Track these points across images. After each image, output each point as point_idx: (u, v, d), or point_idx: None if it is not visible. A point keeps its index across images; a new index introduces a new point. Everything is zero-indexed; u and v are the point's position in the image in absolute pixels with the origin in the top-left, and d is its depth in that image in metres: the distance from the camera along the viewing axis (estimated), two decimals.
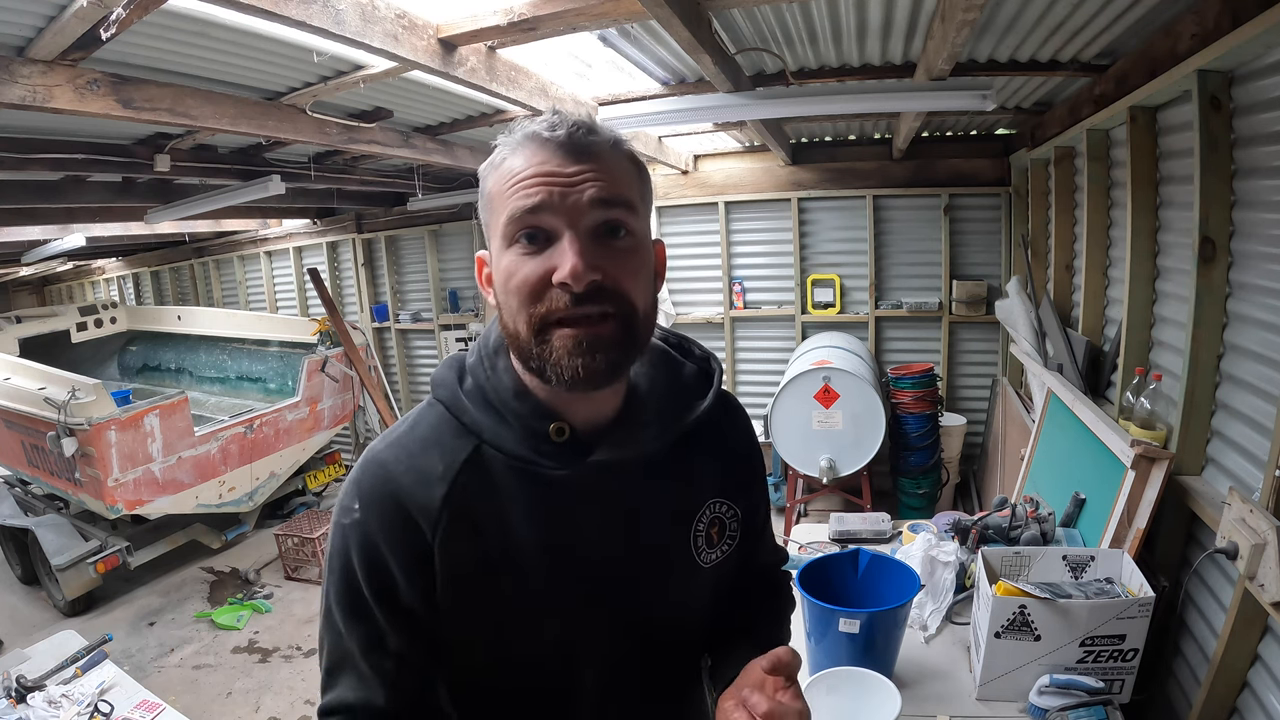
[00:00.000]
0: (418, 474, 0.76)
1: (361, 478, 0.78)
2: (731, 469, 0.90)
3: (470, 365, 0.82)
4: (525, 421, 0.77)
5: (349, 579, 0.77)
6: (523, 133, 0.73)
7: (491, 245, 0.75)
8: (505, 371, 0.79)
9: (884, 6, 2.17)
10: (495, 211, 0.73)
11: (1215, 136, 1.72)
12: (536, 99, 2.63)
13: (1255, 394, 1.62)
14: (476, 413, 0.78)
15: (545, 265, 0.69)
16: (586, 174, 0.70)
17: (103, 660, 2.32)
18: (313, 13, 1.65)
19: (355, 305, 6.54)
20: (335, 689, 0.79)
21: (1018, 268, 3.99)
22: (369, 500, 0.76)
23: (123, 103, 2.09)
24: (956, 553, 1.87)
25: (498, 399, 0.78)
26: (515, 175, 0.71)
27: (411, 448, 0.78)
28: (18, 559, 4.67)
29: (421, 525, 0.74)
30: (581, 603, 0.80)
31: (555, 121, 0.71)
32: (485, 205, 0.76)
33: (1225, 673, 1.54)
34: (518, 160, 0.71)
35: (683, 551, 0.85)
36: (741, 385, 5.24)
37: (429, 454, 0.77)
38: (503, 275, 0.72)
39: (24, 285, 9.91)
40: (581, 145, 0.70)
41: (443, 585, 0.76)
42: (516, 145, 0.73)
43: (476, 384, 0.80)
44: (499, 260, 0.73)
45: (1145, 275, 2.21)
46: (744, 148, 4.81)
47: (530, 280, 0.69)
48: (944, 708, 1.52)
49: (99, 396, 3.70)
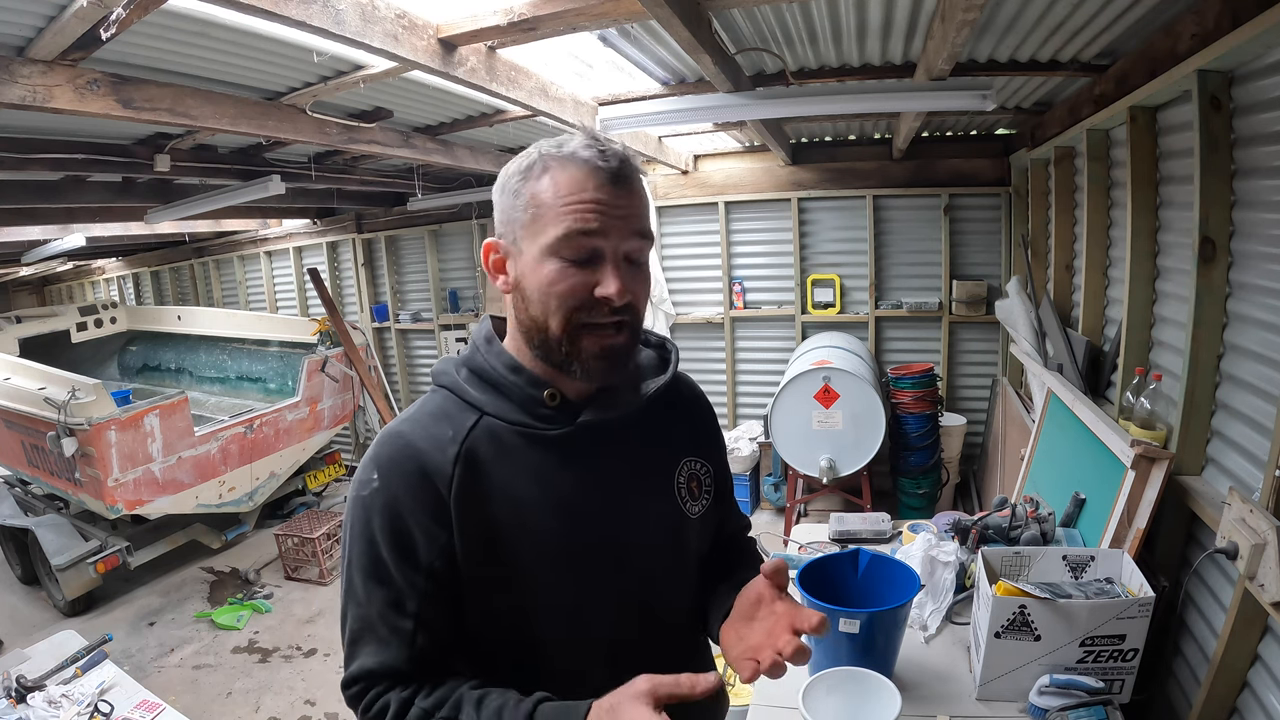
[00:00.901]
0: (432, 439, 0.85)
1: (379, 451, 0.86)
2: (698, 431, 1.06)
3: (466, 356, 0.93)
4: (522, 391, 0.88)
5: (370, 546, 0.83)
6: (572, 152, 0.82)
7: (525, 245, 0.84)
8: (499, 353, 0.90)
9: (884, 6, 2.17)
10: (542, 219, 0.82)
11: (1215, 136, 1.72)
12: (536, 99, 2.63)
13: (1255, 394, 1.62)
14: (476, 392, 0.89)
15: (588, 279, 0.82)
16: (628, 207, 0.83)
17: (103, 660, 2.32)
18: (313, 13, 1.65)
19: (355, 305, 6.54)
20: (357, 659, 0.84)
21: (1018, 268, 3.99)
22: (388, 467, 0.84)
23: (123, 103, 2.09)
24: (956, 553, 1.87)
25: (495, 375, 0.89)
26: (571, 194, 0.81)
27: (424, 420, 0.88)
28: (18, 559, 4.67)
29: (438, 483, 0.82)
30: (586, 552, 0.88)
31: (604, 150, 0.82)
32: (522, 206, 0.83)
33: (1225, 673, 1.54)
34: (569, 178, 0.81)
35: (670, 502, 0.97)
36: (741, 385, 5.24)
37: (440, 424, 0.87)
38: (543, 279, 0.82)
39: (24, 285, 9.91)
40: (625, 177, 0.83)
41: (460, 540, 0.83)
42: (565, 162, 0.82)
43: (474, 368, 0.91)
44: (539, 263, 0.82)
45: (1145, 275, 2.21)
46: (744, 148, 4.81)
47: (575, 290, 0.81)
48: (944, 708, 1.52)
49: (99, 396, 3.70)
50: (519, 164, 0.85)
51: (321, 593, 4.38)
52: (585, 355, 0.84)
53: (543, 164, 0.83)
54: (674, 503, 0.97)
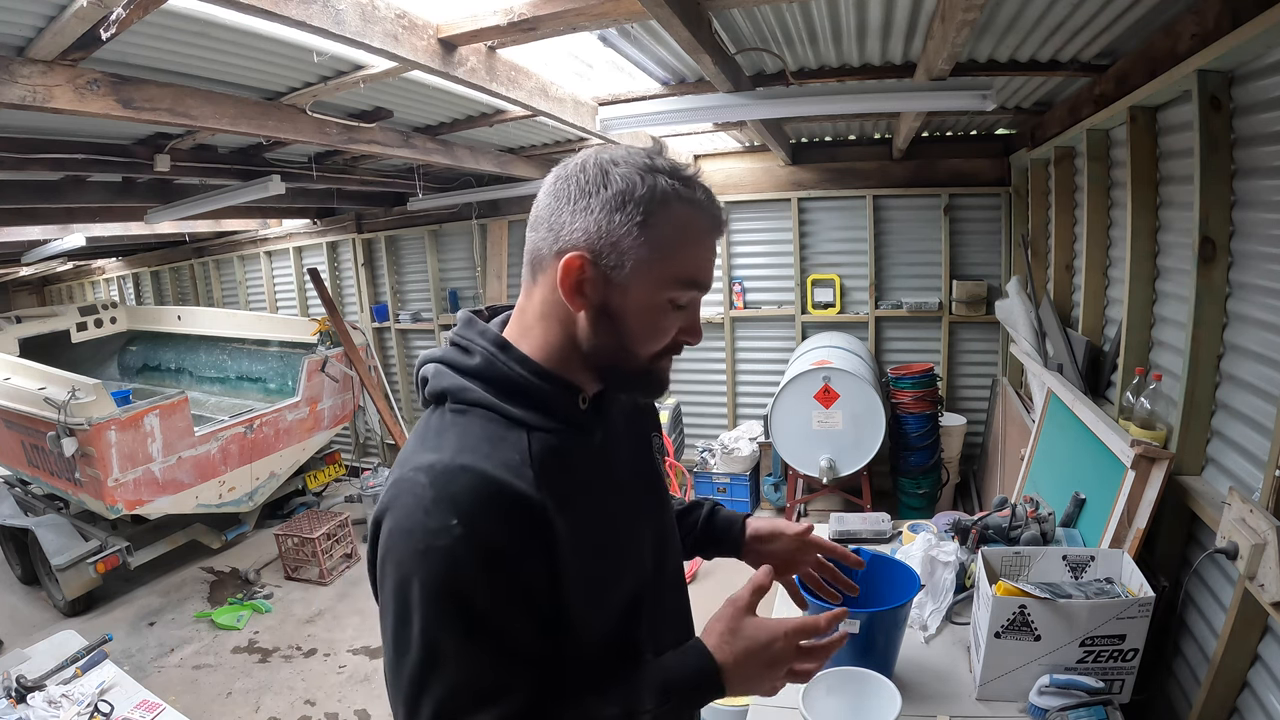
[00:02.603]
0: (506, 467, 0.77)
1: (449, 490, 0.74)
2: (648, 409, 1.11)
3: (479, 367, 0.84)
4: (556, 399, 0.85)
5: (460, 605, 0.72)
6: (697, 201, 0.82)
7: (635, 278, 0.80)
8: (522, 360, 0.85)
9: (884, 6, 2.17)
10: (667, 257, 0.80)
11: (1215, 136, 1.72)
12: (536, 99, 2.63)
13: (1255, 394, 1.62)
14: (512, 407, 0.83)
15: (679, 322, 0.86)
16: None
17: (103, 660, 2.32)
18: (313, 13, 1.65)
19: (355, 305, 6.54)
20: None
21: (1018, 268, 3.99)
22: (473, 506, 0.73)
23: (123, 103, 2.09)
24: (956, 553, 1.87)
25: (527, 386, 0.84)
26: (699, 247, 0.83)
27: (483, 448, 0.79)
28: (18, 559, 4.67)
29: (535, 513, 0.77)
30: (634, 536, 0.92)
31: (716, 203, 0.85)
32: (643, 240, 0.79)
33: (1225, 673, 1.54)
34: (698, 226, 0.83)
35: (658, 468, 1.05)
36: (741, 385, 5.24)
37: (500, 449, 0.79)
38: (654, 319, 0.83)
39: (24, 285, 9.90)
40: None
41: (561, 564, 0.78)
42: (694, 206, 0.82)
43: (498, 380, 0.84)
44: (649, 299, 0.82)
45: (1145, 275, 2.21)
46: (744, 148, 4.81)
47: (669, 331, 0.85)
48: (944, 708, 1.52)
49: (99, 396, 3.70)
50: (648, 190, 0.79)
51: (321, 593, 4.38)
52: (656, 379, 0.88)
53: (670, 197, 0.80)
54: (658, 470, 1.05)
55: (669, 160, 0.83)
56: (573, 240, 0.80)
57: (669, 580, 1.01)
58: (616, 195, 0.78)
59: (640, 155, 0.81)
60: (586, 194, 0.79)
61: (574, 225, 0.79)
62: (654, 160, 0.81)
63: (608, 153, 0.82)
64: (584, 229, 0.79)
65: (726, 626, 0.84)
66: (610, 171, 0.79)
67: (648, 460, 1.03)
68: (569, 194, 0.80)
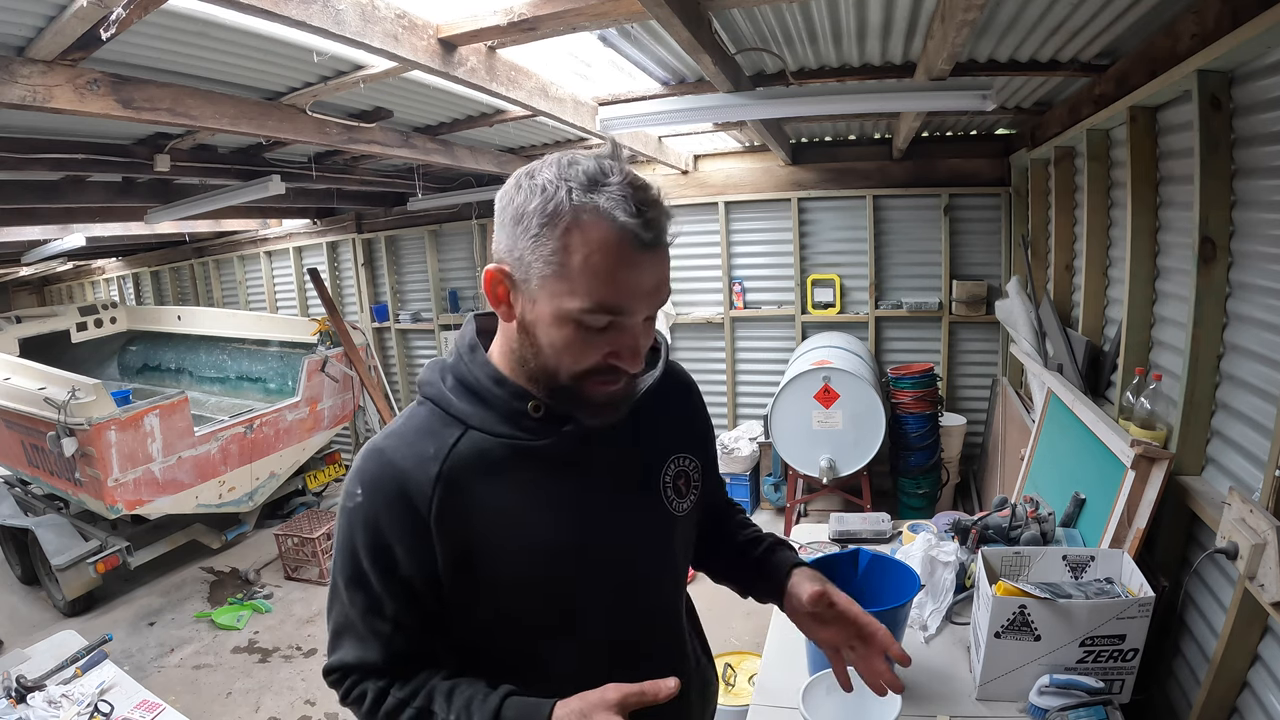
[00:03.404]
0: (414, 458, 0.84)
1: (363, 466, 0.86)
2: (688, 426, 1.04)
3: (451, 364, 0.91)
4: (506, 403, 0.86)
5: (352, 555, 0.85)
6: (607, 210, 0.74)
7: (542, 294, 0.78)
8: (483, 364, 0.88)
9: (884, 6, 2.17)
10: (568, 280, 0.76)
11: (1215, 136, 1.72)
12: (536, 99, 2.63)
13: (1255, 394, 1.62)
14: (461, 403, 0.87)
15: (603, 346, 0.80)
16: (658, 276, 0.79)
17: (103, 660, 2.32)
18: (313, 13, 1.65)
19: (355, 305, 6.54)
20: (338, 651, 0.90)
21: (1018, 268, 3.99)
22: (370, 484, 0.85)
23: (123, 103, 2.09)
24: (956, 553, 1.87)
25: (479, 387, 0.87)
26: (603, 267, 0.75)
27: (407, 436, 0.87)
28: (18, 559, 4.67)
29: (417, 503, 0.83)
30: (575, 559, 0.89)
31: (646, 218, 0.75)
32: (545, 256, 0.76)
33: (1225, 673, 1.54)
34: (604, 248, 0.74)
35: (655, 503, 0.96)
36: (741, 385, 5.24)
37: (422, 440, 0.86)
38: (560, 338, 0.79)
39: (24, 285, 9.90)
40: (659, 247, 0.78)
41: (442, 555, 0.84)
42: (603, 223, 0.74)
43: (458, 378, 0.89)
44: (555, 322, 0.78)
45: (1145, 275, 2.21)
46: (744, 148, 4.81)
47: (588, 355, 0.80)
48: (944, 708, 1.52)
49: (99, 396, 3.70)
50: (542, 200, 0.75)
51: (321, 593, 4.38)
52: (590, 402, 0.83)
53: (573, 214, 0.74)
54: (660, 504, 0.96)
55: (595, 168, 0.76)
56: (496, 252, 0.82)
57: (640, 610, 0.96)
58: (518, 209, 0.78)
59: (559, 164, 0.77)
60: (503, 206, 0.80)
61: (497, 237, 0.82)
62: (569, 169, 0.76)
63: (537, 162, 0.80)
64: (499, 241, 0.81)
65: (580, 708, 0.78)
66: (522, 183, 0.78)
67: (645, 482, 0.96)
68: (499, 204, 0.82)
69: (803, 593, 0.99)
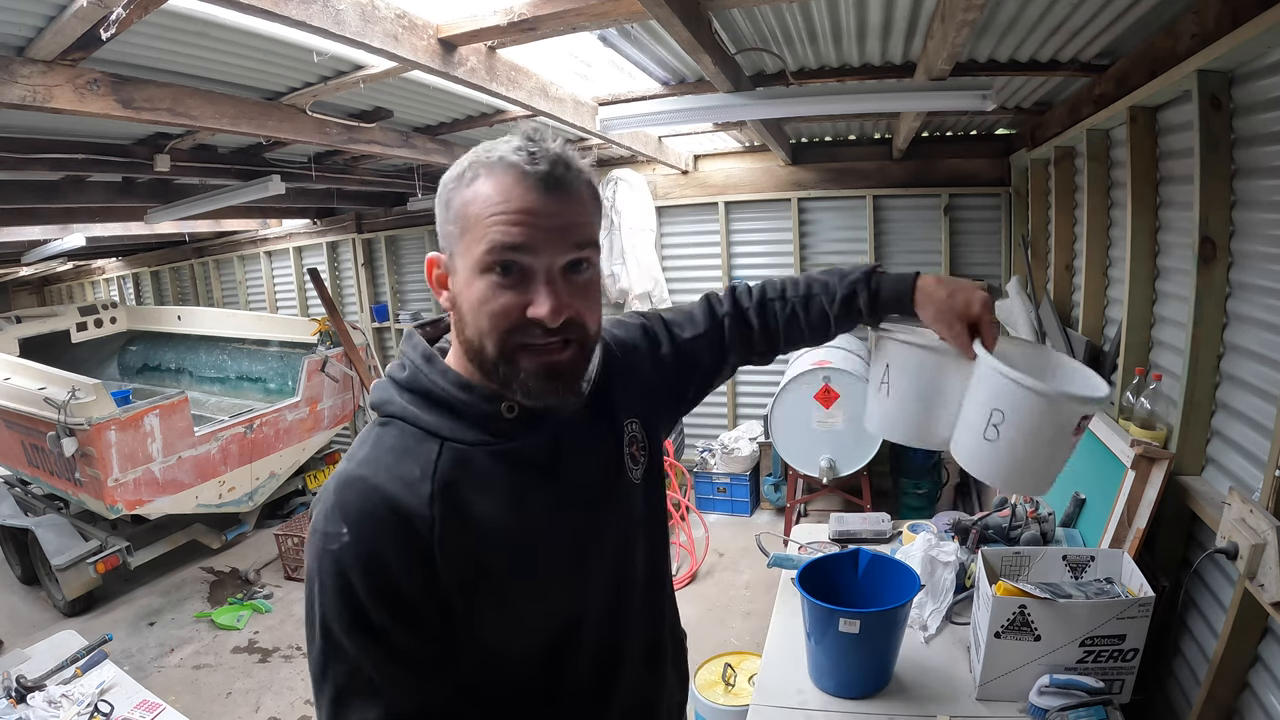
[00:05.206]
0: (401, 481, 0.77)
1: (343, 498, 0.77)
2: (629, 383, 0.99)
3: (406, 380, 0.84)
4: (476, 409, 0.82)
5: (349, 600, 0.75)
6: (501, 157, 0.75)
7: (458, 262, 0.78)
8: (445, 371, 0.83)
9: (884, 6, 2.17)
10: (470, 233, 0.76)
11: (1215, 136, 1.72)
12: (536, 99, 2.63)
13: (1255, 394, 1.62)
14: (429, 416, 0.82)
15: (520, 298, 0.76)
16: (564, 215, 0.76)
17: (103, 660, 2.32)
18: (313, 13, 1.65)
19: (355, 305, 6.54)
20: (351, 712, 0.76)
21: (1018, 268, 3.99)
22: (359, 516, 0.76)
23: (123, 103, 2.09)
24: (956, 553, 1.87)
25: (445, 396, 0.82)
26: (495, 205, 0.74)
27: (385, 459, 0.79)
28: (18, 559, 4.66)
29: (418, 527, 0.76)
30: (576, 556, 0.86)
31: (536, 154, 0.75)
32: (453, 219, 0.78)
33: (1225, 673, 1.54)
34: (495, 187, 0.75)
35: (624, 476, 0.94)
36: (741, 385, 5.24)
37: (404, 461, 0.79)
38: (474, 299, 0.77)
39: (24, 285, 9.91)
40: (559, 181, 0.76)
41: (448, 580, 0.78)
42: (493, 168, 0.75)
43: (419, 391, 0.83)
44: (469, 282, 0.77)
45: (1145, 275, 2.21)
46: (744, 148, 4.81)
47: (505, 310, 0.76)
48: (944, 708, 1.52)
49: (99, 396, 3.70)
50: (452, 172, 0.79)
51: None
52: (525, 375, 0.78)
53: (472, 171, 0.76)
54: (626, 475, 0.94)
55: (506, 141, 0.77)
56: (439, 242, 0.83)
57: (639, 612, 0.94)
58: (442, 188, 0.80)
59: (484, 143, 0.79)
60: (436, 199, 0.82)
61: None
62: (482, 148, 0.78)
63: None
64: (438, 231, 0.82)
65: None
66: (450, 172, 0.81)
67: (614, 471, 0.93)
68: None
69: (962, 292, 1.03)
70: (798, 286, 1.11)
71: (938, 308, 1.01)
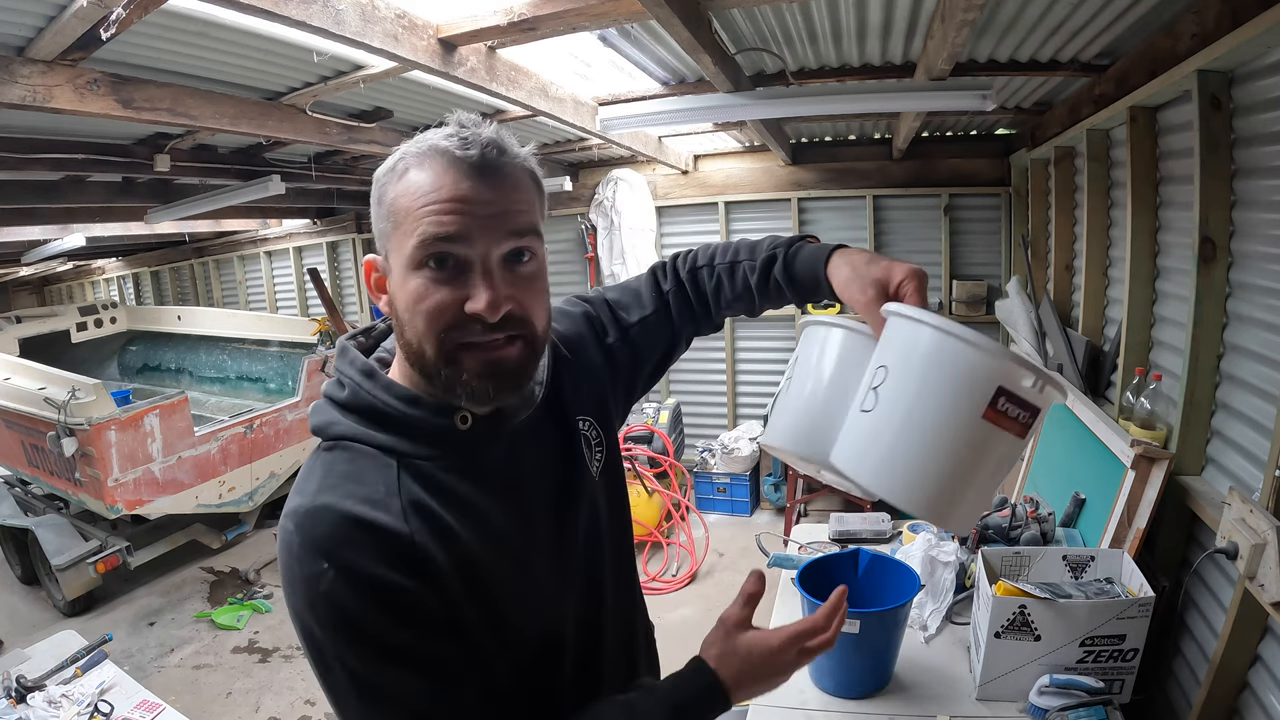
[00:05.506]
0: (368, 502, 0.71)
1: (312, 535, 0.69)
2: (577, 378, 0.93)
3: (347, 399, 0.78)
4: (429, 424, 0.76)
5: (360, 634, 0.69)
6: (431, 145, 0.72)
7: (392, 260, 0.74)
8: (388, 386, 0.77)
9: (884, 6, 2.17)
10: (401, 227, 0.72)
11: (1215, 136, 1.72)
12: (536, 99, 2.63)
13: (1255, 394, 1.62)
14: (381, 435, 0.75)
15: (457, 293, 0.71)
16: (499, 202, 0.72)
17: (103, 660, 2.31)
18: (313, 13, 1.65)
19: (355, 305, 6.53)
20: None
21: (1018, 268, 3.99)
22: (336, 545, 0.69)
23: (123, 103, 2.09)
24: (956, 553, 1.87)
25: (394, 413, 0.76)
26: (426, 195, 0.70)
27: (344, 486, 0.72)
28: (18, 559, 4.66)
29: (399, 543, 0.71)
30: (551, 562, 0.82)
31: (467, 139, 0.71)
32: (385, 215, 0.74)
33: (1225, 673, 1.54)
34: (426, 177, 0.71)
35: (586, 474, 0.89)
36: (741, 385, 5.24)
37: (365, 483, 0.72)
38: (409, 297, 0.72)
39: (24, 285, 9.91)
40: (492, 166, 0.71)
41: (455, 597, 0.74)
42: (423, 158, 0.72)
43: (363, 409, 0.77)
44: (404, 280, 0.72)
45: (1145, 275, 2.21)
46: (744, 148, 4.81)
47: (442, 307, 0.71)
48: (944, 708, 1.52)
49: (99, 396, 3.70)
50: (384, 165, 0.75)
51: None
52: (468, 376, 0.72)
53: (404, 163, 0.73)
54: (587, 475, 0.90)
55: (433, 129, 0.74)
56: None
57: (613, 609, 0.91)
58: (373, 185, 0.76)
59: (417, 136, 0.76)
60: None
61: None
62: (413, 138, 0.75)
63: None
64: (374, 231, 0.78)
65: (720, 650, 0.80)
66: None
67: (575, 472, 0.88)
68: None
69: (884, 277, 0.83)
70: (726, 253, 1.02)
71: (853, 270, 0.84)
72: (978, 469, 0.72)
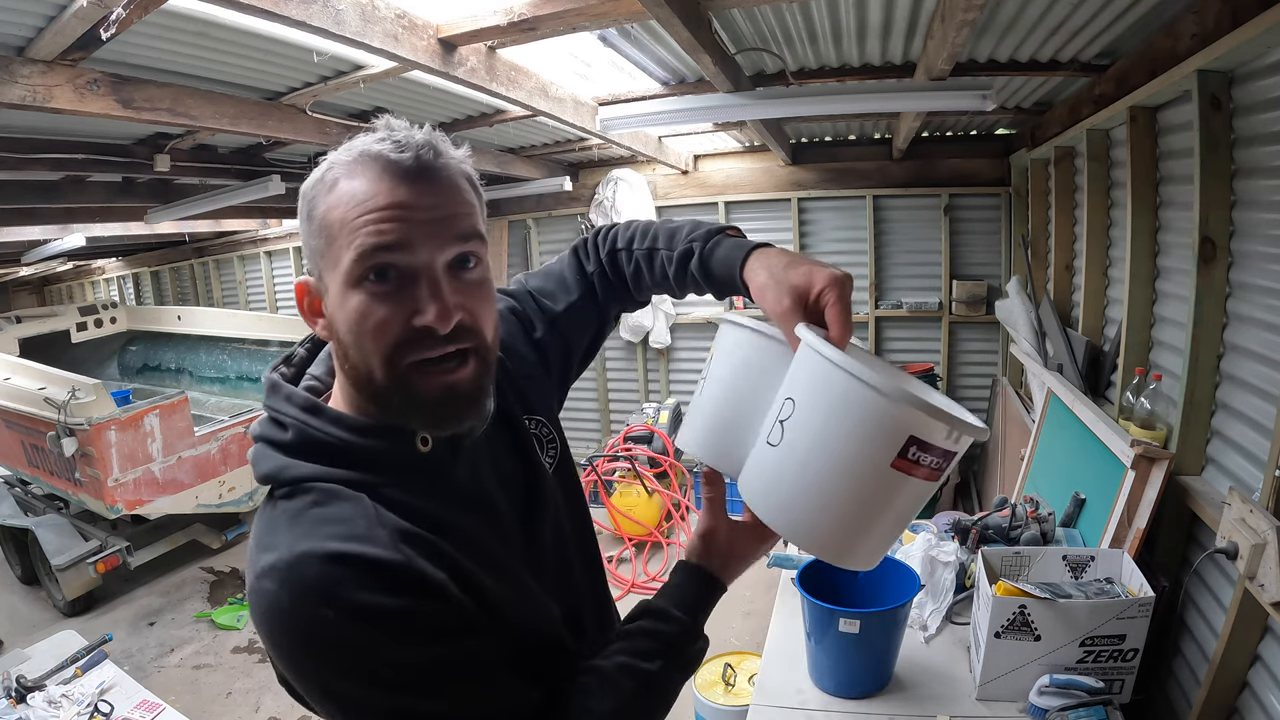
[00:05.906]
0: (354, 538, 0.65)
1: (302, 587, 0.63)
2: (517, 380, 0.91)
3: (294, 441, 0.72)
4: (387, 454, 0.72)
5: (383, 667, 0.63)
6: (362, 151, 0.67)
7: (328, 279, 0.68)
8: (337, 419, 0.72)
9: (884, 6, 2.17)
10: (336, 242, 0.66)
11: (1215, 136, 1.72)
12: (536, 99, 2.63)
13: (1255, 394, 1.62)
14: (341, 472, 0.70)
15: (402, 308, 0.66)
16: (440, 206, 0.67)
17: (103, 660, 2.32)
18: (313, 13, 1.65)
19: None
20: None
21: (1018, 268, 3.99)
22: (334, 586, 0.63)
23: (123, 103, 2.09)
24: (956, 553, 1.87)
25: (349, 450, 0.71)
26: (361, 204, 0.65)
27: (321, 529, 0.66)
28: (18, 559, 4.67)
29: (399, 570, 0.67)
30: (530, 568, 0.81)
31: (401, 141, 0.67)
32: (317, 231, 0.68)
33: (1225, 673, 1.54)
34: (359, 185, 0.66)
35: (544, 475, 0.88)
36: None
37: (342, 521, 0.66)
38: (350, 316, 0.67)
39: (24, 285, 9.91)
40: (429, 168, 0.67)
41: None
42: (355, 165, 0.67)
43: (317, 449, 0.71)
44: (343, 299, 0.67)
45: (1145, 275, 2.21)
46: (744, 148, 4.81)
47: (387, 323, 0.66)
48: (944, 708, 1.52)
49: (99, 396, 3.70)
50: (312, 178, 0.70)
51: None
52: (424, 402, 0.68)
53: (333, 174, 0.68)
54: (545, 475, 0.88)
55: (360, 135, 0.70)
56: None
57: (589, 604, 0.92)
58: (300, 200, 0.71)
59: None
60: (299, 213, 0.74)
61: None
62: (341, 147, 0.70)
63: None
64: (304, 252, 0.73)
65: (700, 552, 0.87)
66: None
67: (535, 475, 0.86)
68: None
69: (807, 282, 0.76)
70: (645, 237, 0.97)
71: (769, 276, 0.77)
72: (883, 515, 0.69)
